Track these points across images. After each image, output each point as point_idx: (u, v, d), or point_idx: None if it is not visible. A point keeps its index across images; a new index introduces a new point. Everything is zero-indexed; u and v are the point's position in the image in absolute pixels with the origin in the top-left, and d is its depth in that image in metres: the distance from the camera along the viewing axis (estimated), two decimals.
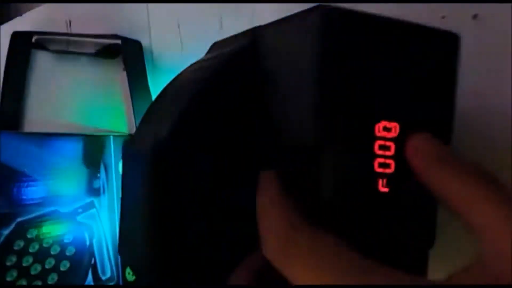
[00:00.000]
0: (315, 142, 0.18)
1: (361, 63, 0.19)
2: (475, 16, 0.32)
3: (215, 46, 0.27)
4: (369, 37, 0.19)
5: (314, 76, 0.18)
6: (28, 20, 0.57)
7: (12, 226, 0.43)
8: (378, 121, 0.19)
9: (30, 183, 0.44)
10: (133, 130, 0.49)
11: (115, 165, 0.48)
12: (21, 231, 0.44)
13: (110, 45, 0.49)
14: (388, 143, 0.19)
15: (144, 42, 0.47)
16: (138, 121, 0.44)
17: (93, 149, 0.47)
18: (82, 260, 0.46)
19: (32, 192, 0.44)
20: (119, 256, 0.47)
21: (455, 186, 0.17)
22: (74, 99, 0.54)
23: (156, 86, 0.47)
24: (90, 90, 0.53)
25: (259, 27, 0.22)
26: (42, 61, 0.55)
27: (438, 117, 0.21)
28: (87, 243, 0.46)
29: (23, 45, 0.54)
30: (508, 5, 0.31)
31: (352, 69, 0.19)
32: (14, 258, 0.43)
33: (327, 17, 0.18)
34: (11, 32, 0.52)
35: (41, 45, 0.53)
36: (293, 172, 0.20)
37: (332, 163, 0.18)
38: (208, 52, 0.28)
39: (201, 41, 0.43)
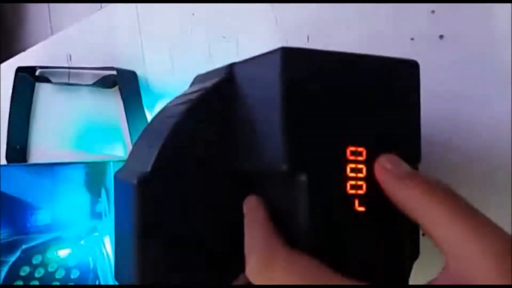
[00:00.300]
0: (288, 168, 0.20)
1: (323, 94, 0.21)
2: (441, 37, 0.35)
3: (197, 79, 0.29)
4: (327, 71, 0.21)
5: (279, 106, 0.20)
6: (31, 56, 0.60)
7: (18, 253, 0.46)
8: (347, 145, 0.21)
9: (34, 211, 0.46)
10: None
11: None
12: (26, 257, 0.46)
13: (107, 76, 0.52)
14: (359, 166, 0.21)
15: (139, 72, 0.50)
16: None
17: (94, 175, 0.50)
18: (87, 282, 0.48)
19: (37, 219, 0.46)
20: None
21: (418, 204, 0.18)
22: (75, 127, 0.57)
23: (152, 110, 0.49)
24: (90, 119, 0.56)
25: (234, 63, 0.25)
26: (45, 93, 0.58)
27: (405, 138, 0.23)
28: (91, 265, 0.48)
29: (28, 79, 0.57)
30: (473, 25, 0.33)
31: (315, 99, 0.21)
32: (20, 283, 0.45)
33: (287, 55, 0.21)
34: (15, 66, 0.55)
35: (44, 78, 0.56)
36: (273, 197, 0.22)
37: (305, 187, 0.20)
38: (191, 85, 0.30)
39: (191, 69, 0.46)
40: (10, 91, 0.56)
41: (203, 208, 0.24)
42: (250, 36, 0.41)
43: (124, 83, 0.49)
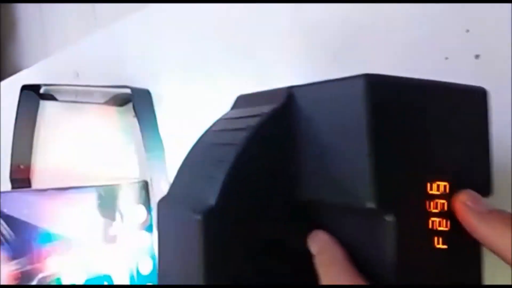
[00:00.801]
0: (375, 205, 0.19)
1: (407, 125, 0.20)
2: (477, 56, 0.34)
3: (241, 100, 0.28)
4: (411, 100, 0.20)
5: (366, 137, 0.19)
6: (36, 72, 0.57)
7: (34, 281, 0.44)
8: (429, 180, 0.20)
9: (50, 238, 0.44)
10: (145, 176, 0.49)
11: (131, 212, 0.48)
12: (43, 285, 0.44)
13: (119, 94, 0.50)
14: (441, 201, 0.20)
15: (152, 90, 0.49)
16: (152, 167, 0.45)
17: (108, 198, 0.48)
18: None
19: (53, 248, 0.44)
20: None
21: (503, 240, 0.18)
22: (83, 147, 0.55)
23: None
24: (99, 138, 0.54)
25: (293, 87, 0.23)
26: (51, 111, 0.56)
27: (478, 170, 0.22)
28: None
29: (32, 97, 0.54)
30: (509, 44, 0.33)
31: (399, 129, 0.20)
32: None
33: (371, 82, 0.19)
34: (18, 83, 0.53)
35: (50, 96, 0.54)
36: (348, 233, 0.21)
37: (393, 226, 0.19)
38: (234, 106, 0.28)
39: (209, 87, 0.44)
40: (10, 107, 0.53)
41: (265, 244, 0.22)
42: (272, 54, 0.40)
43: (138, 102, 0.47)
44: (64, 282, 0.44)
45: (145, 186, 0.49)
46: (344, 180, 0.20)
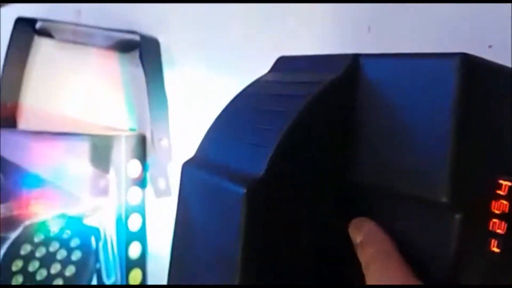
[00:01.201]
0: (448, 201, 0.17)
1: (491, 115, 0.18)
2: None
3: (283, 62, 0.25)
4: (499, 87, 0.19)
5: (453, 127, 0.17)
6: (34, 5, 0.52)
7: (20, 229, 0.41)
8: (498, 178, 0.19)
9: (37, 183, 0.42)
10: (145, 129, 0.47)
11: (125, 166, 0.46)
12: (28, 234, 0.41)
13: (124, 39, 0.46)
14: (504, 202, 0.19)
15: (161, 39, 0.45)
16: (155, 121, 0.42)
17: (102, 149, 0.45)
18: (87, 264, 0.44)
19: (41, 194, 0.41)
20: (123, 259, 0.45)
21: None
22: (78, 91, 0.51)
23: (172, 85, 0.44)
24: (96, 84, 0.50)
25: (359, 55, 0.21)
26: (46, 50, 0.52)
27: None
28: (94, 246, 0.44)
29: (27, 31, 0.50)
30: None
31: (484, 120, 0.18)
32: (20, 263, 0.41)
33: (470, 64, 0.17)
34: (14, 15, 0.48)
35: (47, 33, 0.49)
36: (404, 225, 0.19)
37: (461, 223, 0.17)
38: (275, 69, 0.26)
39: (224, 42, 0.41)
40: (5, 39, 0.48)
41: (309, 224, 0.21)
42: (300, 18, 0.37)
43: (146, 50, 0.44)
44: (50, 227, 0.41)
45: (142, 140, 0.46)
46: (416, 168, 0.18)
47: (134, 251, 0.46)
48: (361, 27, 0.34)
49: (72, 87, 0.51)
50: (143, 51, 0.44)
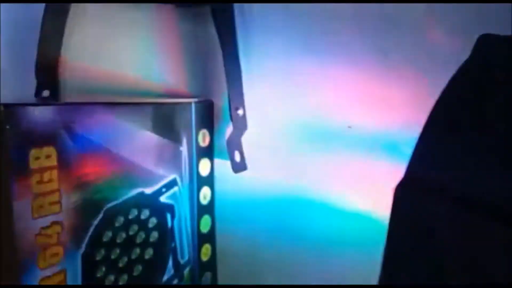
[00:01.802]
0: None
1: None
2: None
3: (486, 42, 0.20)
4: None
5: None
6: None
7: (101, 214, 0.36)
8: None
9: (113, 161, 0.37)
10: (208, 95, 0.45)
11: (196, 136, 0.44)
12: (109, 219, 0.37)
13: None
14: None
15: None
16: (231, 87, 0.41)
17: (172, 118, 0.42)
18: (164, 245, 0.42)
19: (117, 173, 0.37)
20: (195, 234, 0.44)
21: None
22: (136, 51, 0.45)
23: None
24: (151, 40, 0.45)
25: None
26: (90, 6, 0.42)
27: None
28: (169, 225, 0.42)
29: None
30: None
31: None
32: (103, 252, 0.36)
33: None
34: None
35: None
36: None
37: None
38: (477, 49, 0.20)
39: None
40: None
41: None
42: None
43: (220, 6, 0.42)
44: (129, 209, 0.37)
45: (211, 108, 0.45)
46: None
47: (205, 225, 0.45)
48: None
49: (129, 46, 0.44)
50: (216, 7, 0.42)
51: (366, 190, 0.39)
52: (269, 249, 0.43)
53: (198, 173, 0.44)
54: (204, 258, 0.45)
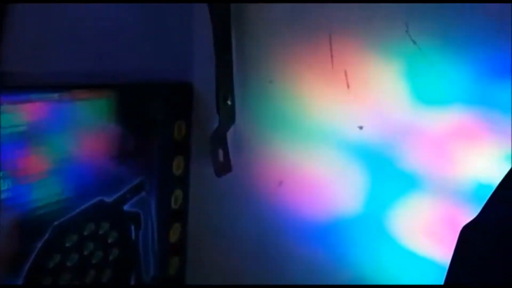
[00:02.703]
0: None
1: None
2: None
3: None
4: None
5: None
6: None
7: (47, 233, 0.28)
8: None
9: (66, 162, 0.29)
10: (183, 77, 0.37)
11: (170, 128, 0.36)
12: (58, 239, 0.29)
13: None
14: None
15: None
16: (221, 75, 0.34)
17: (142, 105, 0.34)
18: (126, 263, 0.34)
19: (69, 177, 0.29)
20: (163, 246, 0.37)
21: None
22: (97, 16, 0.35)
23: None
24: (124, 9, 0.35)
25: None
26: None
27: None
28: (132, 238, 0.35)
29: None
30: None
31: None
32: (49, 280, 0.29)
33: None
34: None
35: None
36: None
37: None
38: None
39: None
40: None
41: None
42: None
43: None
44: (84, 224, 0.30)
45: (190, 94, 0.37)
46: None
47: (174, 234, 0.38)
48: None
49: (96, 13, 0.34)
50: None
51: None
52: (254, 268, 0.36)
53: (171, 172, 0.36)
54: (173, 272, 0.38)
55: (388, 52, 0.32)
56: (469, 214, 0.21)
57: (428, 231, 0.32)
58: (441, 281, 0.21)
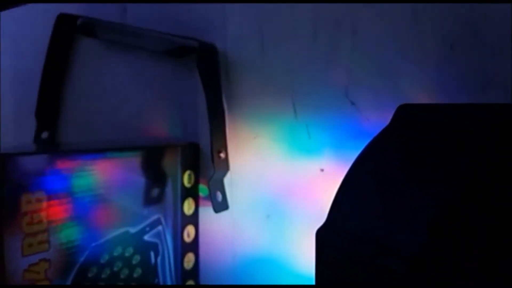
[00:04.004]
0: None
1: None
2: None
3: (406, 111, 0.23)
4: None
5: None
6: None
7: (87, 252, 0.39)
8: None
9: (100, 204, 0.40)
10: (191, 138, 0.48)
11: (181, 177, 0.47)
12: (94, 256, 0.40)
13: (180, 44, 0.47)
14: None
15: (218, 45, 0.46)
16: (214, 131, 0.45)
17: (158, 161, 0.46)
18: (147, 281, 0.44)
19: (104, 214, 0.40)
20: (178, 271, 0.47)
21: None
22: (126, 96, 0.48)
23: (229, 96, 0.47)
24: (144, 88, 0.48)
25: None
26: (91, 50, 0.46)
27: None
28: (153, 262, 0.45)
29: (67, 29, 0.44)
30: None
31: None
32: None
33: None
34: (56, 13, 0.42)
35: (90, 31, 0.45)
36: None
37: None
38: (399, 119, 0.24)
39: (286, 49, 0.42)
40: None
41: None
42: (368, 19, 0.37)
43: (205, 59, 0.46)
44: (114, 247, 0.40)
45: (196, 151, 0.48)
46: None
47: (189, 262, 0.47)
48: None
49: (119, 92, 0.48)
50: (201, 58, 0.45)
51: None
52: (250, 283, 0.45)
53: (182, 212, 0.47)
54: None
55: None
56: None
57: None
58: None
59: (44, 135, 0.49)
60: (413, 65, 0.37)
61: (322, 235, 0.22)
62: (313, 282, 0.44)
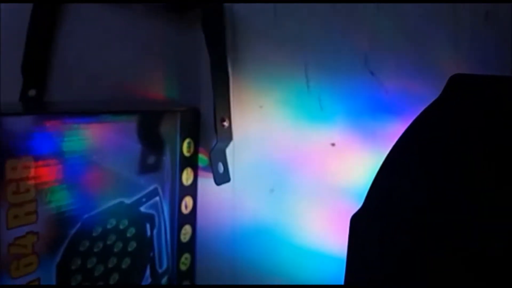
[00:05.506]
0: None
1: None
2: None
3: (460, 82, 0.20)
4: None
5: None
6: None
7: (78, 224, 0.36)
8: None
9: (93, 171, 0.37)
10: (194, 103, 0.45)
11: (181, 145, 0.44)
12: (86, 229, 0.37)
13: None
14: None
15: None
16: (217, 97, 0.41)
17: (156, 126, 0.42)
18: (142, 255, 0.42)
19: (97, 182, 0.37)
20: (175, 244, 0.44)
21: None
22: (118, 54, 0.44)
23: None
24: (141, 46, 0.44)
25: None
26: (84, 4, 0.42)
27: None
28: (148, 235, 0.42)
29: None
30: None
31: None
32: (79, 261, 0.36)
33: None
34: None
35: None
36: None
37: None
38: (452, 88, 0.21)
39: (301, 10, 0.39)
40: None
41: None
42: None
43: (210, 15, 0.41)
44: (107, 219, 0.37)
45: (197, 117, 0.45)
46: None
47: (185, 234, 0.45)
48: None
49: (115, 51, 0.43)
50: (206, 14, 0.41)
51: None
52: (250, 259, 0.43)
53: (180, 182, 0.44)
54: (183, 267, 0.45)
55: None
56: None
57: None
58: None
59: (32, 92, 0.45)
60: (444, 33, 0.33)
61: (360, 221, 0.20)
62: (316, 259, 0.42)
